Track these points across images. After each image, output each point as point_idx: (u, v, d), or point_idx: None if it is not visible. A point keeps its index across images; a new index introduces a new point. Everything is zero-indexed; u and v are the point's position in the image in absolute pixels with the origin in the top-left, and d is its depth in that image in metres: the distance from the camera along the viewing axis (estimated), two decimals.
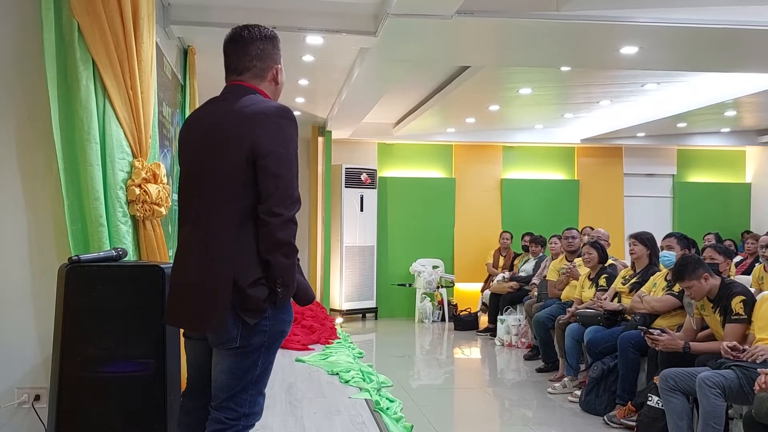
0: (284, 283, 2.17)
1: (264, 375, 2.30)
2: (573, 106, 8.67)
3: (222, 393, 2.24)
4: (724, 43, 5.12)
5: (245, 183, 2.16)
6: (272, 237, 2.13)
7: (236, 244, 2.16)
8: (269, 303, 2.18)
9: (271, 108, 2.22)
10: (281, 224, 2.12)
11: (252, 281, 2.15)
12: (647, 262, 5.38)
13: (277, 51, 2.40)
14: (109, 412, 2.72)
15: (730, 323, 4.02)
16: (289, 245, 2.15)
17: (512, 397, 5.72)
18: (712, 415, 3.59)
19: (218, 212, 2.20)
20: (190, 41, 5.36)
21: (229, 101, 2.28)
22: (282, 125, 2.19)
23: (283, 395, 4.78)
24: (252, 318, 2.17)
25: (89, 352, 2.71)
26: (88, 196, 3.06)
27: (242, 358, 2.22)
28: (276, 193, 2.13)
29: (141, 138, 3.33)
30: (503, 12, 4.49)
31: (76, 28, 3.04)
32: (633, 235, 5.54)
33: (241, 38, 2.35)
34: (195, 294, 2.22)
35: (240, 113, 2.21)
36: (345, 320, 9.49)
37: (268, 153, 2.14)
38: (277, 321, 2.23)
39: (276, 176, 2.14)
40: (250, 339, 2.20)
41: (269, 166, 2.14)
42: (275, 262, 2.14)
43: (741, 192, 11.00)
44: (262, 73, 2.35)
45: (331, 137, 9.59)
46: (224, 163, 2.19)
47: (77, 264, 2.76)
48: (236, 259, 2.16)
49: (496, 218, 10.52)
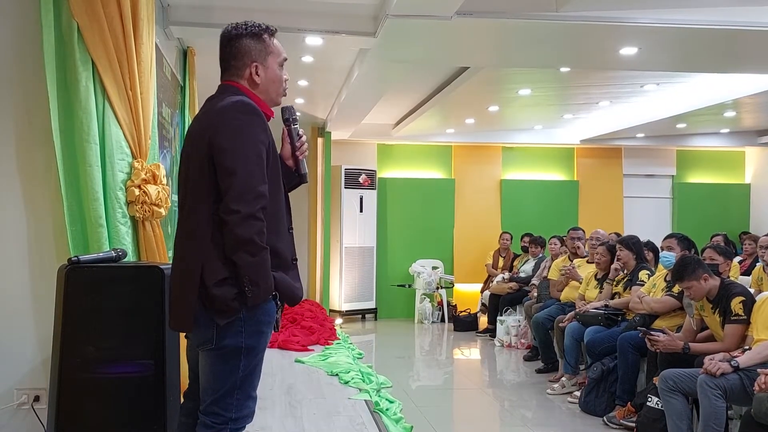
0: (252, 282, 2.11)
1: (250, 378, 2.25)
2: (572, 106, 8.68)
3: (207, 396, 2.23)
4: (724, 44, 5.12)
5: (210, 183, 2.15)
6: (232, 235, 2.09)
7: (208, 244, 2.14)
8: (239, 303, 2.14)
9: (229, 104, 2.19)
10: (240, 221, 2.07)
11: (218, 280, 2.12)
12: (634, 264, 5.51)
13: (261, 48, 2.33)
14: (109, 413, 2.72)
15: (729, 324, 4.01)
16: (251, 242, 2.09)
17: (512, 398, 5.71)
18: (713, 416, 3.59)
19: (194, 213, 2.20)
20: (190, 42, 5.36)
21: (213, 101, 2.29)
22: (239, 120, 2.16)
23: (282, 396, 4.78)
24: (221, 318, 2.14)
25: (89, 352, 2.71)
26: (87, 197, 3.06)
27: (221, 360, 2.19)
28: (231, 189, 2.09)
29: (140, 139, 3.33)
30: (502, 13, 4.49)
31: (75, 29, 3.04)
32: (619, 241, 5.71)
33: (223, 37, 2.34)
34: (174, 295, 2.25)
35: (208, 112, 2.23)
36: (344, 321, 9.49)
37: (222, 149, 2.12)
38: (253, 322, 2.19)
39: (230, 172, 2.10)
40: (225, 340, 2.17)
41: (224, 162, 2.11)
42: (240, 262, 2.10)
43: (740, 193, 11.00)
44: (238, 71, 2.31)
45: (331, 138, 9.59)
46: (194, 164, 2.19)
47: (77, 265, 2.76)
48: (205, 259, 2.14)
49: (495, 219, 10.52)
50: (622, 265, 5.60)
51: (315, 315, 7.99)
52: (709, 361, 3.69)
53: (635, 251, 5.52)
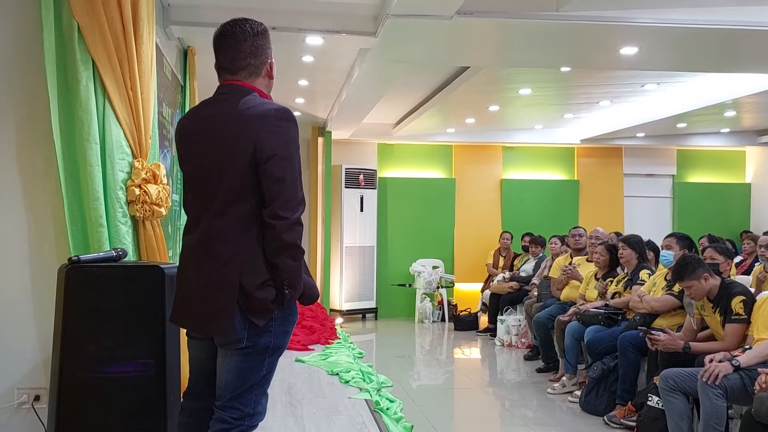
0: (291, 285, 2.18)
1: (269, 375, 2.31)
2: (573, 106, 8.68)
3: (227, 393, 2.24)
4: (724, 44, 5.12)
5: (249, 186, 2.16)
6: (279, 240, 2.14)
7: (242, 248, 2.17)
8: (276, 304, 2.19)
9: (272, 110, 2.20)
10: (287, 227, 2.14)
11: (259, 284, 2.16)
12: (636, 263, 5.51)
13: (269, 45, 2.38)
14: (109, 413, 2.72)
15: (730, 323, 4.02)
16: (296, 247, 2.17)
17: (512, 398, 5.72)
18: (714, 415, 3.59)
19: (224, 216, 2.19)
20: (190, 42, 5.36)
21: (230, 103, 2.24)
22: (283, 127, 2.18)
23: (283, 395, 4.78)
24: (260, 320, 2.18)
25: (89, 352, 2.71)
26: (87, 197, 3.06)
27: (249, 358, 2.22)
28: (280, 196, 2.13)
29: (141, 138, 3.33)
30: (503, 12, 4.49)
31: (75, 28, 3.04)
32: (621, 239, 5.70)
33: (233, 35, 2.32)
34: (203, 297, 2.21)
35: (242, 116, 2.19)
36: (345, 320, 9.49)
37: (271, 156, 2.14)
38: (283, 321, 2.25)
39: (279, 180, 2.14)
40: (258, 339, 2.21)
41: (272, 169, 2.14)
42: (282, 265, 2.16)
43: (741, 192, 11.00)
44: (257, 70, 2.33)
45: (331, 137, 9.59)
46: (228, 167, 2.18)
47: (77, 264, 2.76)
48: (243, 262, 2.16)
49: (496, 218, 10.52)
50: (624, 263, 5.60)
51: (315, 314, 7.97)
52: (709, 364, 3.69)
53: (638, 250, 5.52)
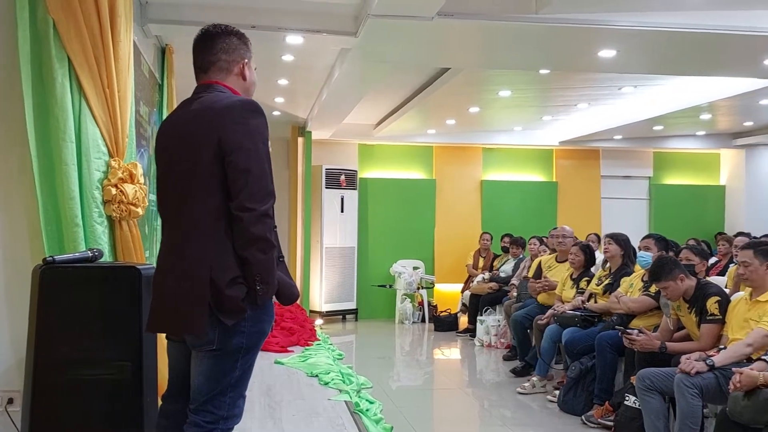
0: (263, 281, 2.13)
1: (244, 377, 2.26)
2: (552, 108, 8.74)
3: (200, 396, 2.21)
4: (701, 47, 5.18)
5: (217, 181, 2.14)
6: (246, 232, 2.10)
7: (212, 244, 2.14)
8: (248, 302, 2.14)
9: (237, 102, 2.20)
10: (255, 219, 2.10)
11: (229, 280, 2.12)
12: (620, 262, 5.48)
13: (246, 48, 2.38)
14: (85, 415, 2.69)
15: (705, 323, 4.06)
16: (265, 240, 2.12)
17: (491, 398, 5.74)
18: (689, 414, 3.62)
19: (192, 212, 2.18)
20: (168, 40, 5.32)
21: (200, 100, 2.26)
22: (248, 119, 2.16)
23: (261, 398, 4.76)
24: (230, 319, 2.14)
25: (64, 354, 2.67)
26: (63, 196, 3.02)
27: (221, 361, 2.19)
28: (246, 188, 2.11)
29: (117, 137, 3.29)
30: (483, 14, 4.51)
31: (51, 25, 3.00)
32: (609, 235, 5.67)
33: (208, 35, 2.34)
34: (173, 296, 2.19)
35: (208, 110, 2.20)
36: (325, 322, 9.46)
37: (236, 148, 2.12)
38: (257, 321, 2.20)
39: (244, 171, 2.11)
40: (229, 341, 2.16)
41: (237, 161, 2.12)
42: (252, 259, 2.11)
43: (715, 194, 11.14)
44: (228, 66, 2.32)
45: (311, 138, 9.56)
46: (195, 162, 2.17)
47: (52, 265, 2.72)
48: (213, 259, 2.13)
49: (476, 219, 10.56)
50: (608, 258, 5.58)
51: (295, 316, 7.95)
52: (685, 361, 3.73)
53: (623, 248, 5.49)
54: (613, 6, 4.59)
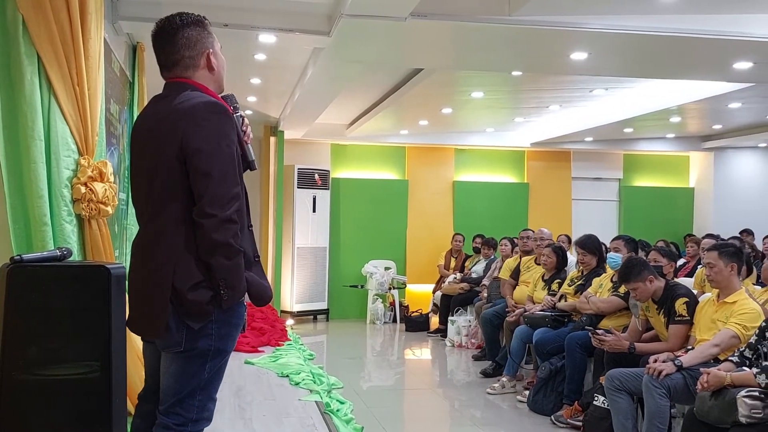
0: (228, 285, 2.10)
1: (214, 380, 2.25)
2: (524, 110, 8.81)
3: (169, 397, 2.19)
4: (671, 50, 5.26)
5: (180, 184, 2.10)
6: (208, 239, 2.06)
7: (177, 248, 2.11)
8: (214, 306, 2.12)
9: (200, 104, 2.14)
10: (216, 225, 2.05)
11: (192, 285, 2.09)
12: (594, 266, 5.56)
13: (207, 34, 2.29)
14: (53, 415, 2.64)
15: (673, 324, 4.13)
16: (228, 246, 2.07)
17: (461, 398, 5.77)
18: (657, 414, 3.68)
19: (159, 215, 2.15)
20: (140, 37, 5.25)
21: (167, 100, 2.21)
22: (211, 120, 2.11)
23: (231, 398, 4.72)
24: (195, 322, 2.12)
25: (32, 354, 2.63)
26: (31, 195, 2.96)
27: (188, 362, 2.17)
28: (207, 192, 2.05)
29: (87, 135, 3.24)
30: (456, 15, 4.53)
31: (20, 21, 2.94)
32: (579, 244, 5.66)
33: (164, 30, 2.26)
34: (141, 298, 2.19)
35: (173, 112, 2.14)
36: (296, 322, 9.43)
37: (196, 151, 2.07)
38: (224, 324, 2.17)
39: (206, 175, 2.06)
40: (196, 343, 2.15)
41: (198, 164, 2.07)
42: (217, 265, 2.08)
43: (684, 196, 11.31)
44: (194, 62, 2.26)
45: (284, 137, 9.52)
46: (160, 165, 2.13)
47: (19, 264, 2.66)
48: (176, 263, 2.10)
49: (448, 220, 10.60)
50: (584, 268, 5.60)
51: (266, 316, 7.90)
52: (653, 363, 3.78)
53: (597, 254, 5.56)
54: (585, 9, 4.64)
